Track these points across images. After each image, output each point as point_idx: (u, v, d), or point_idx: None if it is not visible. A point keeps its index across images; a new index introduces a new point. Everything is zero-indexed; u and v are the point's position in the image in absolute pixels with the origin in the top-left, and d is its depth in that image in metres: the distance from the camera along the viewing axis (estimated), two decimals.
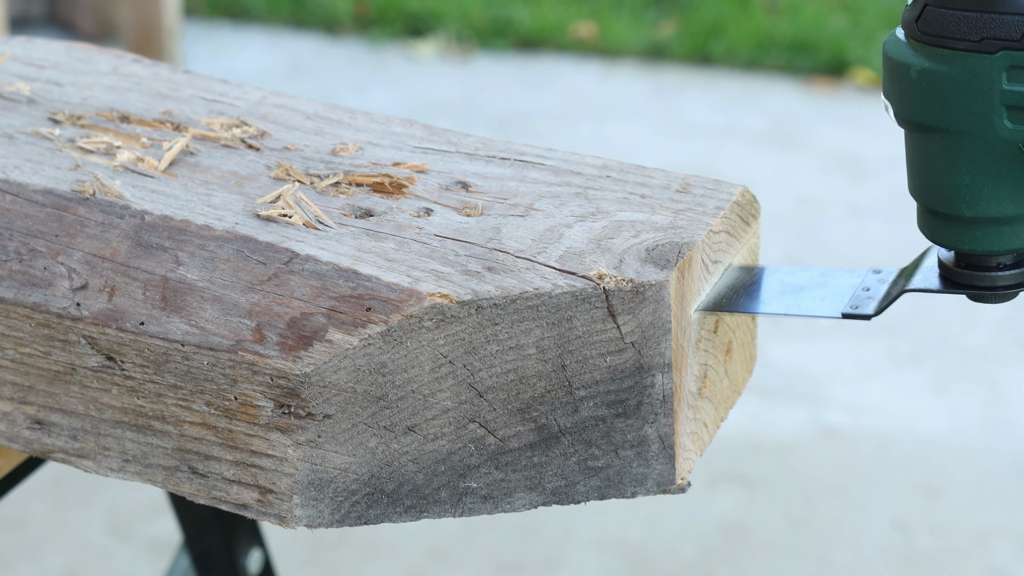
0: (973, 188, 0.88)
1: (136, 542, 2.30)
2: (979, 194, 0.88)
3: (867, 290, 0.94)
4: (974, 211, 0.89)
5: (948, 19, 0.85)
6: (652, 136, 3.79)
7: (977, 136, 0.86)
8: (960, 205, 0.89)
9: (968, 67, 0.85)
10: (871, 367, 2.78)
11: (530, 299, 0.88)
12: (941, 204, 0.90)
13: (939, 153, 0.88)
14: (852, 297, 0.94)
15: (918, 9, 0.87)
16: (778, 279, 0.97)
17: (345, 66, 4.23)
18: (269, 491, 0.92)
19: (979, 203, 0.88)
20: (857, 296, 0.94)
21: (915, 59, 0.87)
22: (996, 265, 0.91)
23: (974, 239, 0.90)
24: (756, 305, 0.94)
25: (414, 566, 2.25)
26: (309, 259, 0.91)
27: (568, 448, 0.91)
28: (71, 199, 0.98)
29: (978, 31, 0.84)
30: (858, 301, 0.93)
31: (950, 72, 0.86)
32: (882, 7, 4.36)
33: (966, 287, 0.92)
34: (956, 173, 0.88)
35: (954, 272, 0.92)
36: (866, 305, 0.93)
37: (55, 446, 0.98)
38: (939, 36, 0.86)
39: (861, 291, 0.94)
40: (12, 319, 0.95)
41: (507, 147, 1.03)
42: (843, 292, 0.94)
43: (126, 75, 1.15)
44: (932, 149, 0.89)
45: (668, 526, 2.34)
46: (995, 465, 2.50)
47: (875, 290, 0.94)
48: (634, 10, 4.42)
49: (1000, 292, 0.91)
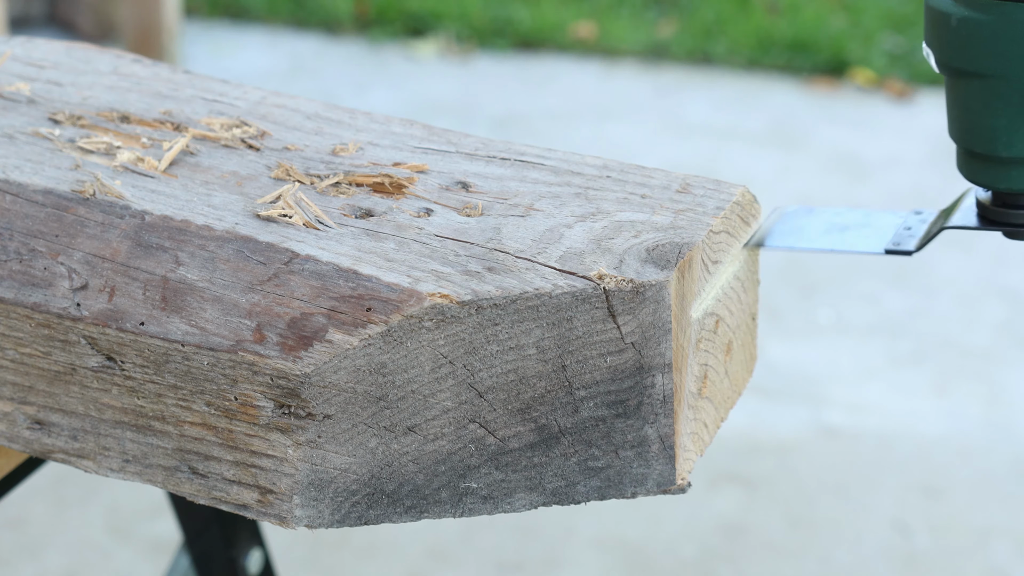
0: (1010, 129, 0.93)
1: (136, 542, 2.30)
2: (1015, 135, 0.93)
3: (909, 229, 0.99)
4: (1010, 151, 0.94)
5: None
6: (652, 136, 3.79)
7: (1014, 80, 0.92)
8: (997, 146, 0.94)
9: (1006, 15, 0.90)
10: (871, 367, 2.78)
11: (530, 299, 0.88)
12: (979, 145, 0.95)
13: (977, 97, 0.94)
14: (895, 235, 0.99)
15: None
16: (824, 219, 1.01)
17: (345, 66, 4.23)
18: (269, 491, 0.92)
19: (1015, 143, 0.94)
20: (899, 234, 0.99)
21: (955, 8, 0.92)
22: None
23: (1010, 178, 0.95)
24: (802, 241, 0.99)
25: (414, 566, 2.25)
26: (309, 259, 0.91)
27: (568, 448, 0.91)
28: (71, 199, 0.98)
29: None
30: (900, 238, 0.98)
31: (988, 20, 0.91)
32: (882, 7, 4.36)
33: (1002, 224, 0.97)
34: (993, 116, 0.93)
35: (990, 211, 0.97)
36: (907, 242, 0.98)
37: (55, 446, 0.98)
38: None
39: (903, 230, 0.99)
40: (12, 319, 0.95)
41: (507, 147, 1.03)
42: (886, 230, 0.99)
43: (126, 75, 1.15)
44: (971, 93, 0.94)
45: (668, 526, 2.34)
46: (995, 465, 2.50)
47: (916, 229, 0.99)
48: (634, 10, 4.42)
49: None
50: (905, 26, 4.27)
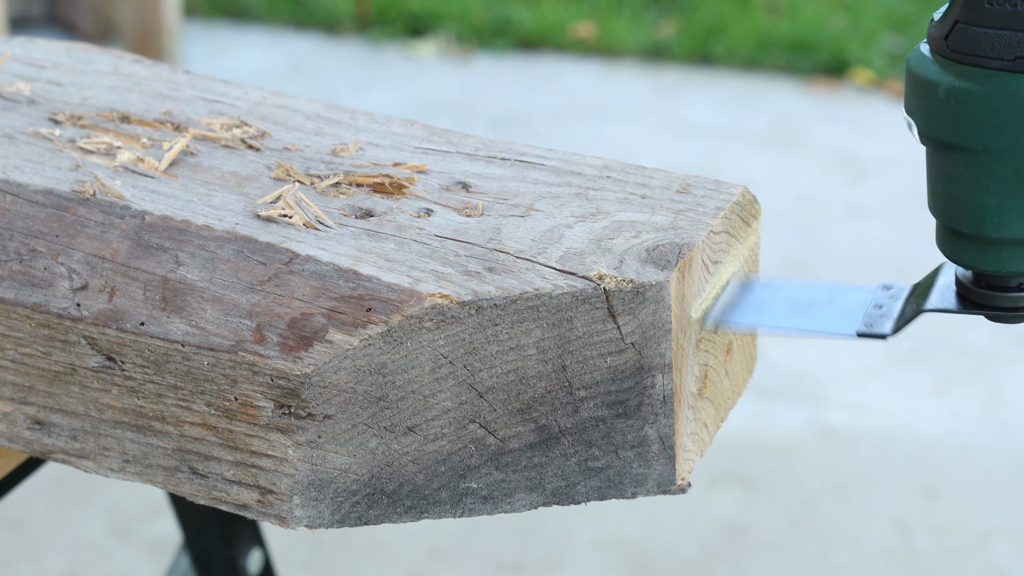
0: (1001, 209, 0.86)
1: (136, 542, 2.30)
2: (1007, 215, 0.86)
3: (879, 307, 0.92)
4: (1000, 232, 0.86)
5: (980, 37, 0.83)
6: (652, 136, 3.79)
7: (1008, 157, 0.84)
8: (986, 226, 0.86)
9: (1001, 86, 0.83)
10: (871, 367, 2.78)
11: (530, 299, 0.88)
12: (966, 225, 0.87)
13: (966, 173, 0.86)
14: (865, 315, 0.92)
15: (947, 26, 0.84)
16: (786, 294, 0.95)
17: (345, 66, 4.23)
18: (269, 491, 0.92)
19: (1006, 224, 0.86)
20: (870, 314, 0.92)
21: (943, 77, 0.84)
22: (1018, 286, 0.89)
23: (999, 260, 0.88)
24: (766, 319, 0.93)
25: (414, 566, 2.25)
26: (309, 259, 0.91)
27: (568, 449, 0.91)
28: (71, 199, 0.98)
29: (1012, 50, 0.82)
30: (872, 319, 0.91)
31: (982, 91, 0.83)
32: (882, 7, 4.36)
33: (986, 307, 0.90)
34: (983, 194, 0.86)
35: (973, 292, 0.90)
36: (881, 324, 0.91)
37: (55, 446, 0.98)
38: (970, 54, 0.83)
39: (873, 308, 0.92)
40: (12, 319, 0.95)
41: (507, 147, 1.03)
42: (855, 310, 0.92)
43: (126, 75, 1.15)
44: (958, 168, 0.86)
45: (668, 526, 2.34)
46: (995, 465, 2.50)
47: (888, 307, 0.92)
48: (634, 10, 4.42)
49: (1021, 313, 0.89)
50: (905, 26, 4.28)
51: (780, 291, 0.95)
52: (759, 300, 0.94)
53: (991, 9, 0.82)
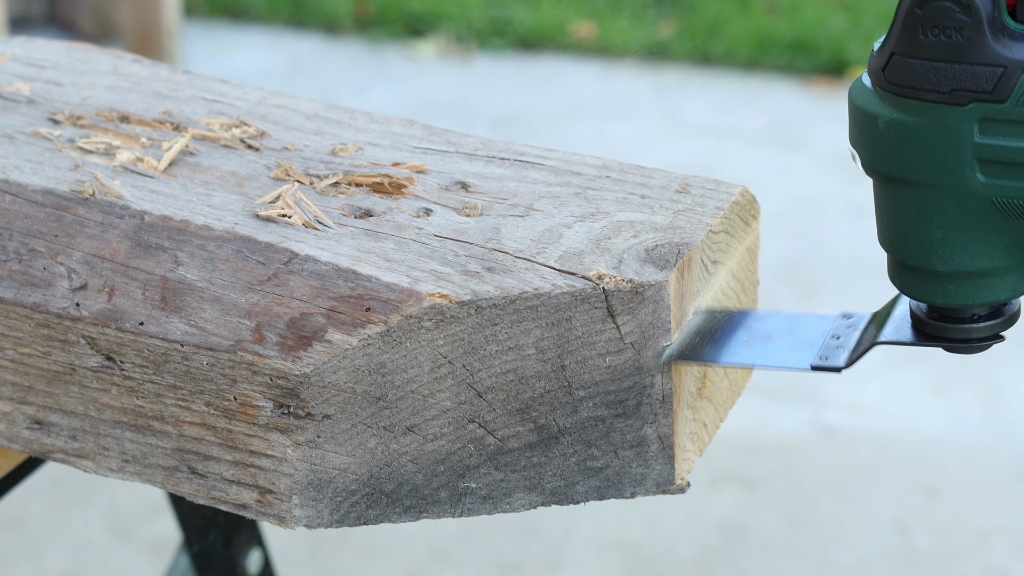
0: (946, 242, 0.84)
1: (136, 542, 2.30)
2: (951, 248, 0.84)
3: (837, 338, 0.90)
4: (947, 265, 0.85)
5: (916, 69, 0.81)
6: (652, 136, 3.79)
7: (949, 190, 0.82)
8: (932, 259, 0.85)
9: (938, 119, 0.81)
10: (871, 367, 2.78)
11: (529, 299, 0.88)
12: (912, 257, 0.86)
13: (910, 206, 0.84)
14: (822, 347, 0.90)
15: (884, 58, 0.82)
16: (746, 325, 0.93)
17: (345, 66, 4.23)
18: (268, 491, 0.92)
19: (952, 257, 0.84)
20: (827, 346, 0.90)
21: (882, 109, 0.83)
22: (970, 317, 0.87)
23: (947, 293, 0.86)
24: (723, 354, 0.91)
25: (414, 566, 2.25)
26: (308, 259, 0.91)
27: (567, 448, 0.91)
28: (71, 199, 0.98)
29: (948, 82, 0.80)
30: (828, 351, 0.90)
31: (919, 124, 0.82)
32: (882, 7, 4.36)
33: (939, 339, 0.88)
34: (928, 227, 0.84)
35: (927, 324, 0.88)
36: (836, 356, 0.89)
37: (55, 446, 0.98)
38: (907, 87, 0.82)
39: (831, 340, 0.90)
40: (12, 319, 0.95)
41: (507, 147, 1.03)
42: (812, 341, 0.91)
43: (126, 75, 1.15)
44: (903, 201, 0.85)
45: (668, 526, 2.34)
46: (995, 465, 2.50)
47: (845, 338, 0.90)
48: (634, 10, 4.42)
49: (975, 344, 0.88)
50: None
51: (740, 321, 0.94)
52: (719, 332, 0.93)
53: (926, 41, 0.80)
